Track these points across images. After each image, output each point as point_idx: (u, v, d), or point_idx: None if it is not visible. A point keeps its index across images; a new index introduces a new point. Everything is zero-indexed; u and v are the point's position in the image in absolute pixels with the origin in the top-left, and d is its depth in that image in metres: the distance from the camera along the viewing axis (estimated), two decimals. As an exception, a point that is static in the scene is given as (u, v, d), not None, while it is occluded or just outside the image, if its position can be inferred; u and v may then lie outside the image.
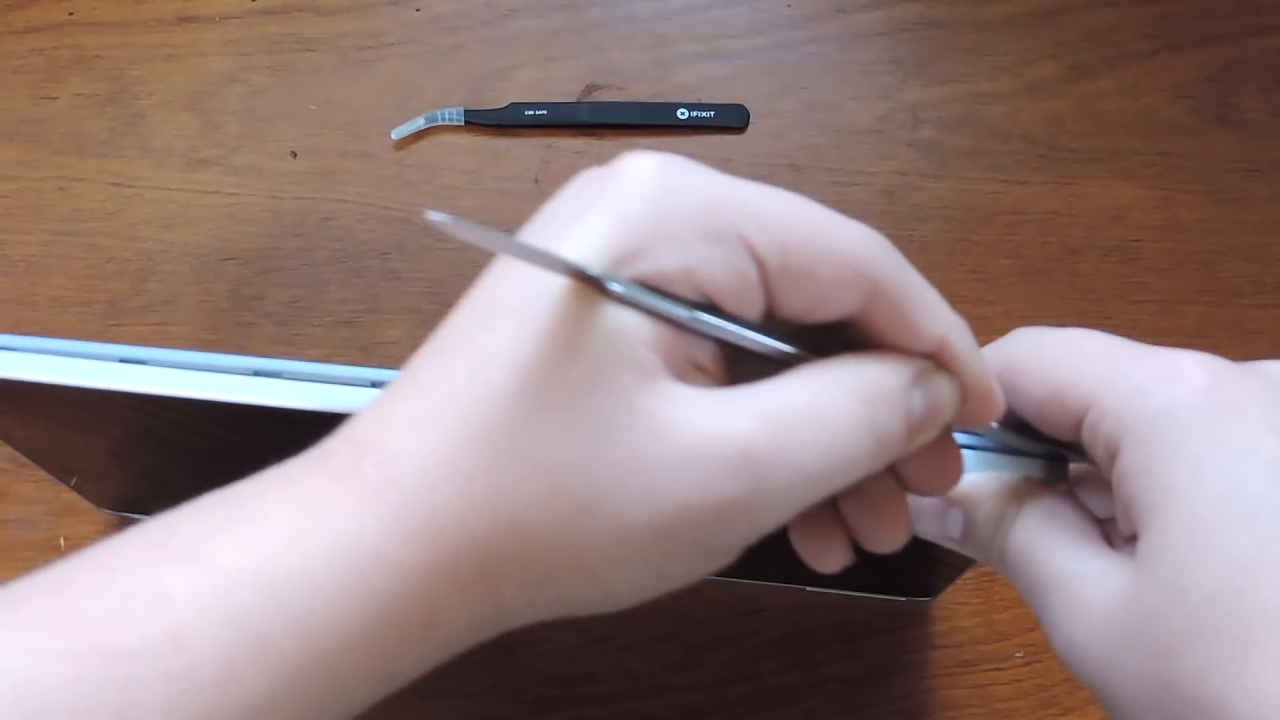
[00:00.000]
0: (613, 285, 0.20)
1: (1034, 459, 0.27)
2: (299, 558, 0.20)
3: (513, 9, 0.63)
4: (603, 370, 0.21)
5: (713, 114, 0.60)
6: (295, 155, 0.59)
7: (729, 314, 0.22)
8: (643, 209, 0.21)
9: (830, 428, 0.22)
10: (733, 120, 0.60)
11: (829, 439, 0.21)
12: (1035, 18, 0.63)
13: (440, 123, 0.59)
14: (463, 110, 0.59)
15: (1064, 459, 0.28)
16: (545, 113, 0.59)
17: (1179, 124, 0.61)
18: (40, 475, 0.49)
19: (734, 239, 0.21)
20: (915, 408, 0.23)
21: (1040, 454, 0.27)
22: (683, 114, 0.60)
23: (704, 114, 0.60)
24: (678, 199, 0.21)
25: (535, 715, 0.48)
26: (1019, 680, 0.49)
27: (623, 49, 0.62)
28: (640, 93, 0.61)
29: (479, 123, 0.59)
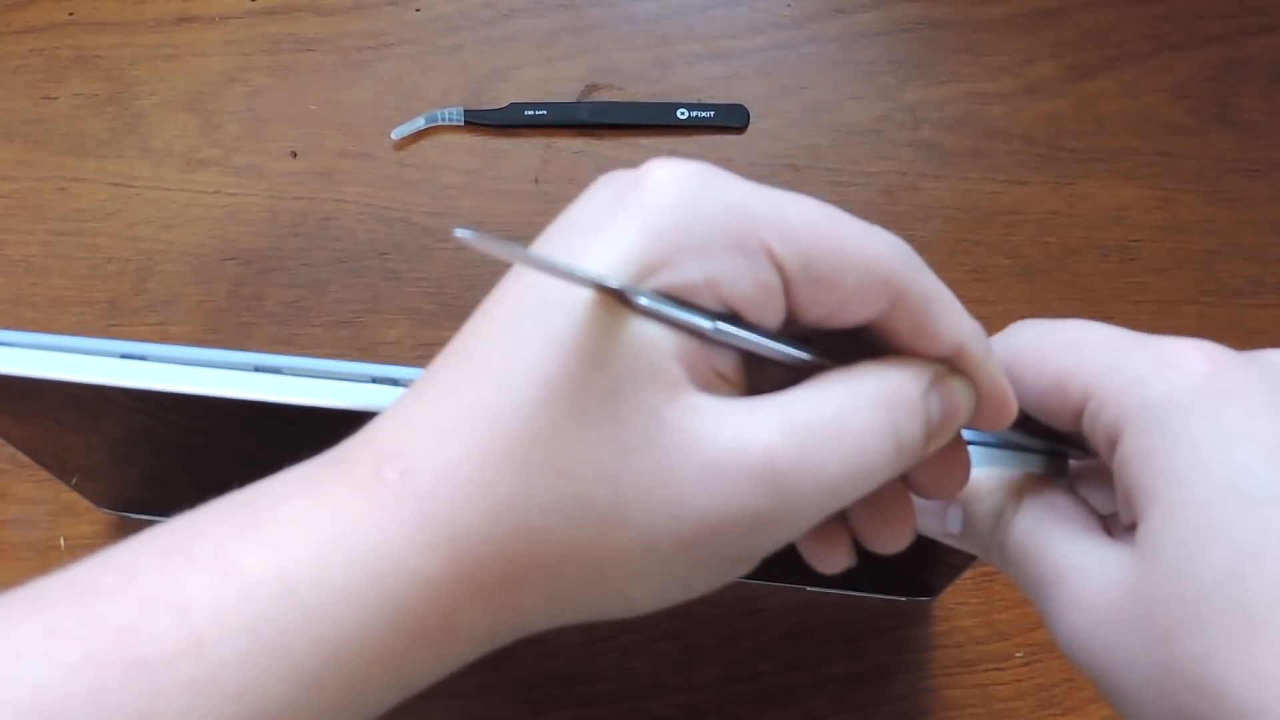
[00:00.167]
0: (638, 299, 0.20)
1: (1033, 455, 0.27)
2: (321, 566, 0.20)
3: (513, 9, 0.63)
4: (627, 383, 0.21)
5: (713, 114, 0.60)
6: (295, 155, 0.59)
7: (751, 324, 0.22)
8: (669, 220, 0.21)
9: (853, 437, 0.22)
10: (733, 120, 0.60)
11: (852, 448, 0.22)
12: (1035, 18, 0.63)
13: (440, 123, 0.59)
14: (463, 110, 0.59)
15: (1063, 455, 0.28)
16: (545, 113, 0.59)
17: (1179, 124, 0.61)
18: (40, 475, 0.49)
19: (758, 249, 0.21)
20: (933, 412, 0.23)
21: (1039, 450, 0.27)
22: (683, 114, 0.60)
23: (704, 114, 0.60)
24: (703, 209, 0.21)
25: (535, 715, 0.48)
26: (1019, 680, 0.49)
27: (623, 49, 0.62)
28: (640, 93, 0.61)
29: (479, 123, 0.59)
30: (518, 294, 0.22)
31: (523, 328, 0.21)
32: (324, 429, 0.29)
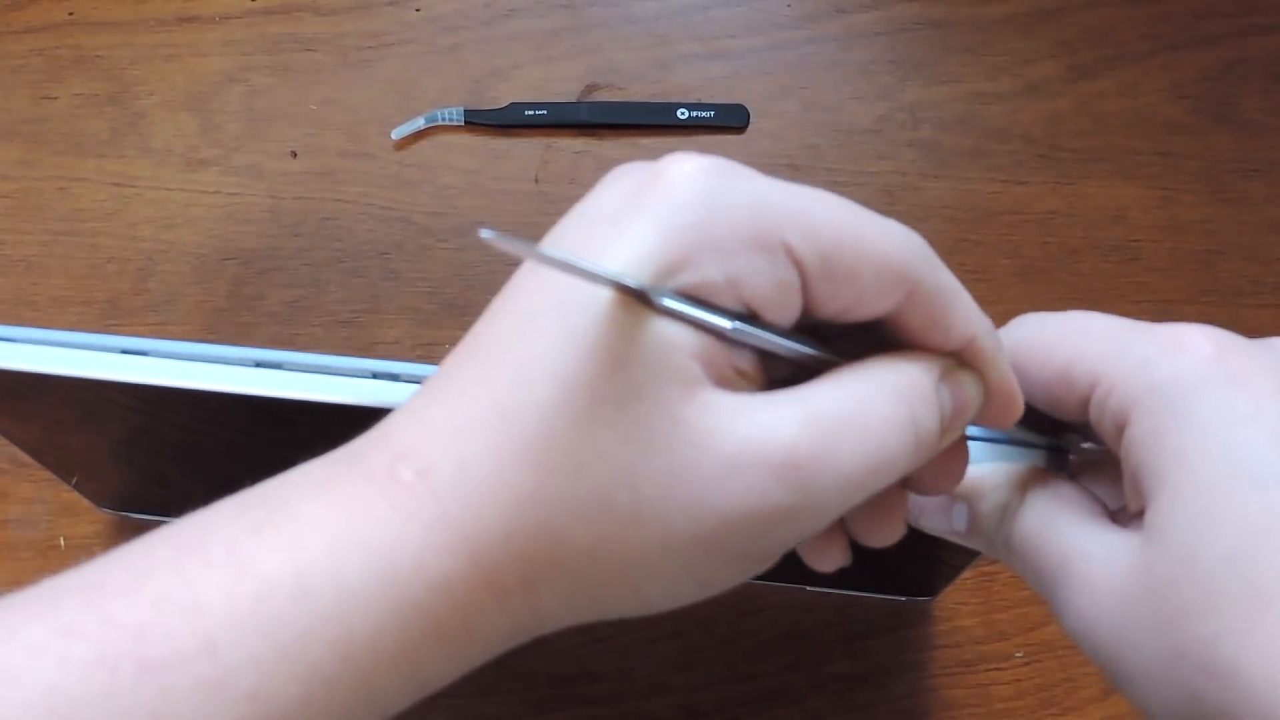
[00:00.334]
0: (660, 299, 0.20)
1: (1035, 450, 0.27)
2: (336, 567, 0.20)
3: (513, 9, 0.63)
4: (646, 382, 0.20)
5: (713, 114, 0.60)
6: (295, 155, 0.59)
7: (768, 321, 0.22)
8: (689, 218, 0.21)
9: (873, 430, 0.22)
10: (733, 120, 0.60)
11: (872, 441, 0.22)
12: (1035, 18, 0.63)
13: (440, 123, 0.59)
14: (463, 110, 0.59)
15: (1064, 449, 0.28)
16: (545, 113, 0.59)
17: (1179, 124, 0.61)
18: (40, 475, 0.49)
19: (778, 247, 0.21)
20: (946, 406, 0.23)
21: (1041, 444, 0.27)
22: (683, 114, 0.60)
23: (704, 114, 0.60)
24: (723, 207, 0.21)
25: (535, 715, 0.48)
26: (1019, 680, 0.49)
27: (623, 49, 0.62)
28: (640, 93, 0.61)
29: (479, 123, 0.59)
30: (534, 291, 0.22)
31: (540, 326, 0.21)
32: (325, 425, 0.29)
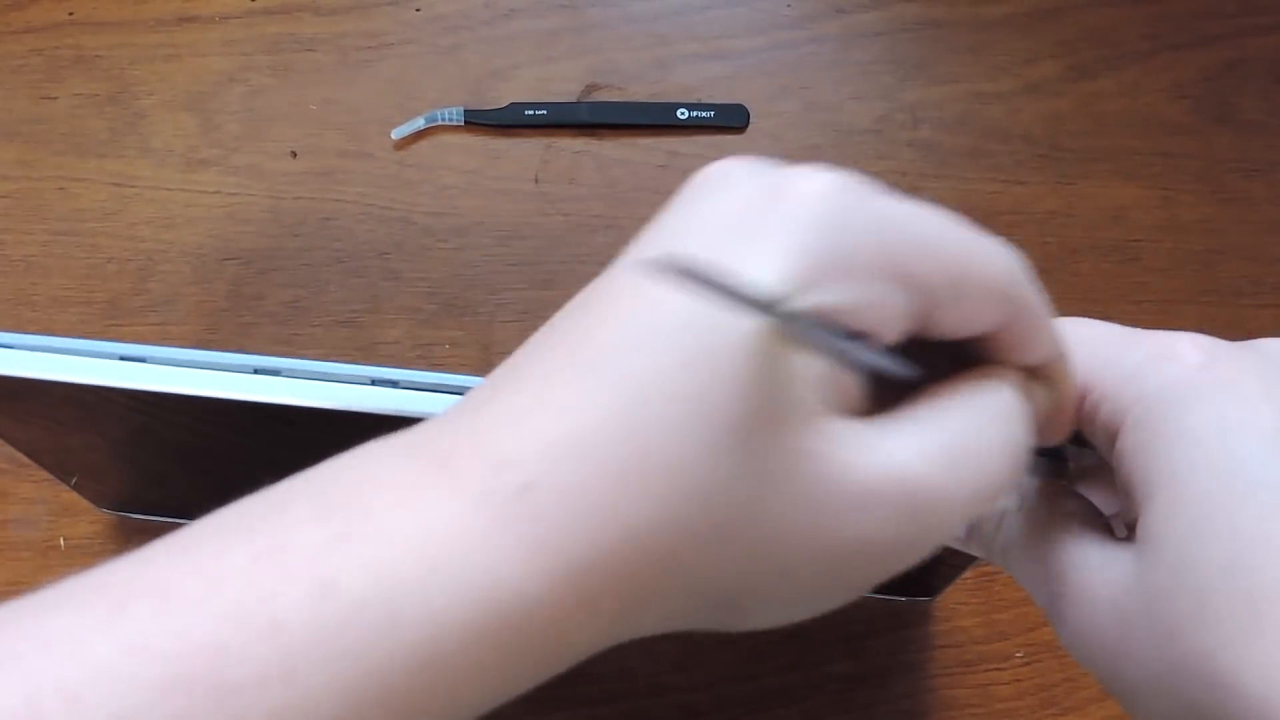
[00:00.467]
0: (796, 325, 0.19)
1: (1034, 457, 0.27)
2: (426, 590, 0.19)
3: (513, 9, 0.63)
4: (774, 411, 0.19)
5: (713, 114, 0.60)
6: (295, 155, 0.59)
7: (880, 345, 0.21)
8: (822, 241, 0.20)
9: (983, 460, 0.21)
10: (733, 120, 0.60)
11: (986, 471, 0.21)
12: (1035, 18, 0.63)
13: (440, 123, 0.59)
14: (463, 110, 0.59)
15: (1063, 456, 0.28)
16: (545, 113, 0.59)
17: (1179, 124, 0.61)
18: (40, 475, 0.49)
19: (903, 275, 0.20)
20: (1035, 426, 0.23)
21: (1040, 451, 0.27)
22: (683, 114, 0.60)
23: (704, 114, 0.60)
24: (854, 231, 0.20)
25: (535, 715, 0.48)
26: (1019, 680, 0.49)
27: (623, 49, 0.62)
28: (640, 93, 0.61)
29: (479, 123, 0.59)
30: (653, 301, 0.20)
31: (665, 343, 0.19)
32: (324, 430, 0.29)
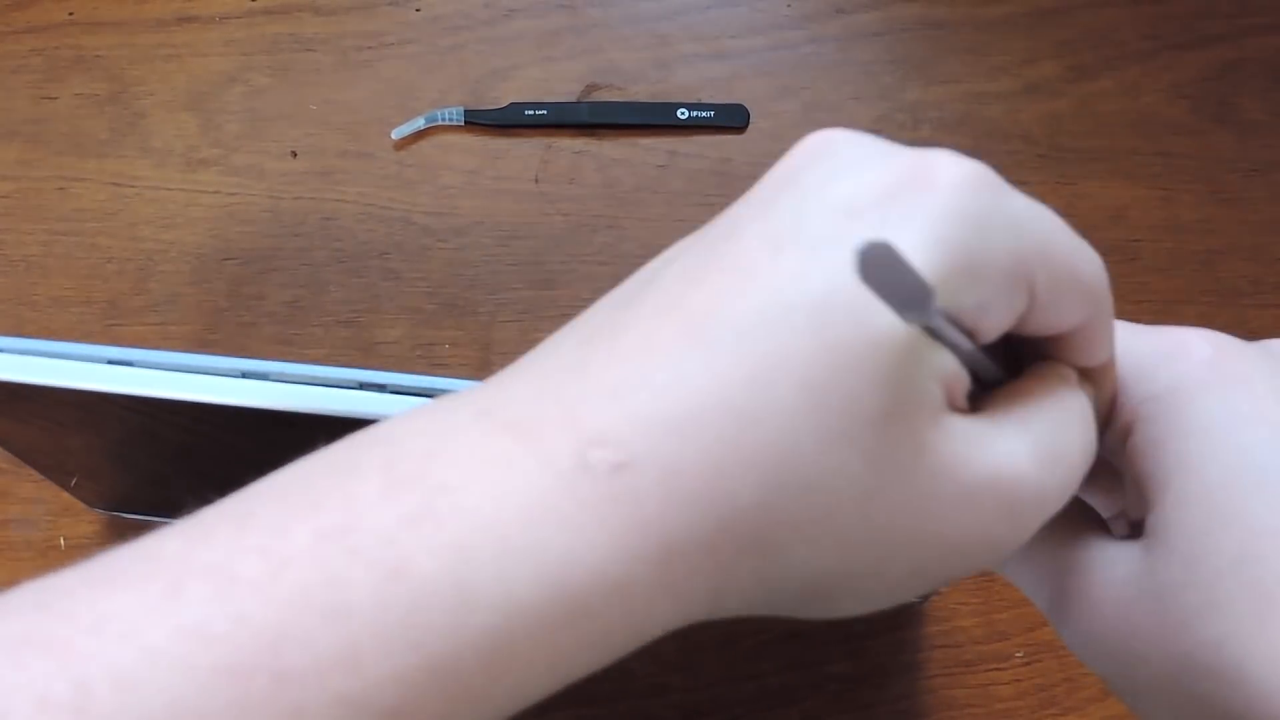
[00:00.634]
0: (931, 318, 0.18)
1: None
2: (503, 576, 0.17)
3: (513, 9, 0.63)
4: (900, 404, 0.19)
5: (713, 114, 0.60)
6: (295, 155, 0.59)
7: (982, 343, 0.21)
8: (960, 235, 0.19)
9: (1072, 461, 0.21)
10: (733, 120, 0.60)
11: (1071, 472, 0.21)
12: (1035, 18, 0.63)
13: (440, 123, 0.59)
14: (463, 110, 0.59)
15: None
16: (545, 113, 0.59)
17: (1179, 124, 0.61)
18: (41, 475, 0.49)
19: (1024, 280, 0.20)
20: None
21: None
22: (683, 114, 0.60)
23: (704, 114, 0.60)
24: (990, 229, 0.19)
25: (535, 715, 0.48)
26: (1019, 680, 0.49)
27: (623, 49, 0.62)
28: (640, 93, 0.61)
29: (479, 123, 0.59)
30: (781, 276, 0.19)
31: (793, 323, 0.18)
32: (319, 432, 0.29)
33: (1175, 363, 0.23)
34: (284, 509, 0.18)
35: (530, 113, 0.59)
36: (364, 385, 0.30)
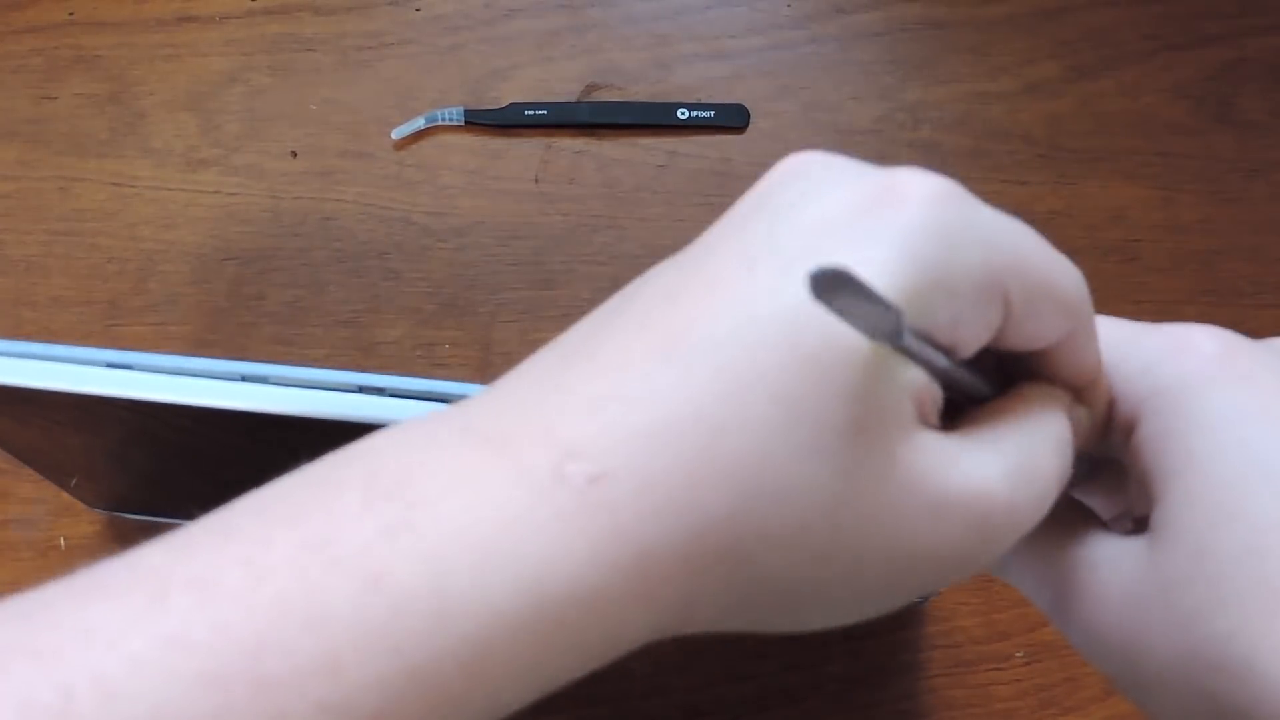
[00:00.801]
0: (902, 335, 0.18)
1: None
2: (481, 584, 0.18)
3: (513, 9, 0.63)
4: (869, 416, 0.19)
5: (713, 114, 0.60)
6: (295, 155, 0.59)
7: (961, 358, 0.21)
8: (930, 251, 0.19)
9: (1044, 481, 0.21)
10: (733, 120, 0.60)
11: (1044, 492, 0.21)
12: (1035, 18, 0.63)
13: (440, 123, 0.59)
14: (463, 110, 0.59)
15: None
16: (545, 113, 0.59)
17: (1179, 124, 0.61)
18: (41, 475, 0.49)
19: (998, 295, 0.20)
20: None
21: None
22: (683, 114, 0.60)
23: (704, 114, 0.60)
24: (960, 244, 0.20)
25: (535, 715, 0.48)
26: (1019, 680, 0.49)
27: (623, 49, 0.62)
28: (640, 93, 0.61)
29: (479, 123, 0.59)
30: (754, 292, 0.19)
31: (766, 338, 0.19)
32: (319, 435, 0.29)
33: (1182, 358, 0.23)
34: (266, 522, 0.18)
35: (530, 113, 0.59)
36: (363, 389, 0.30)
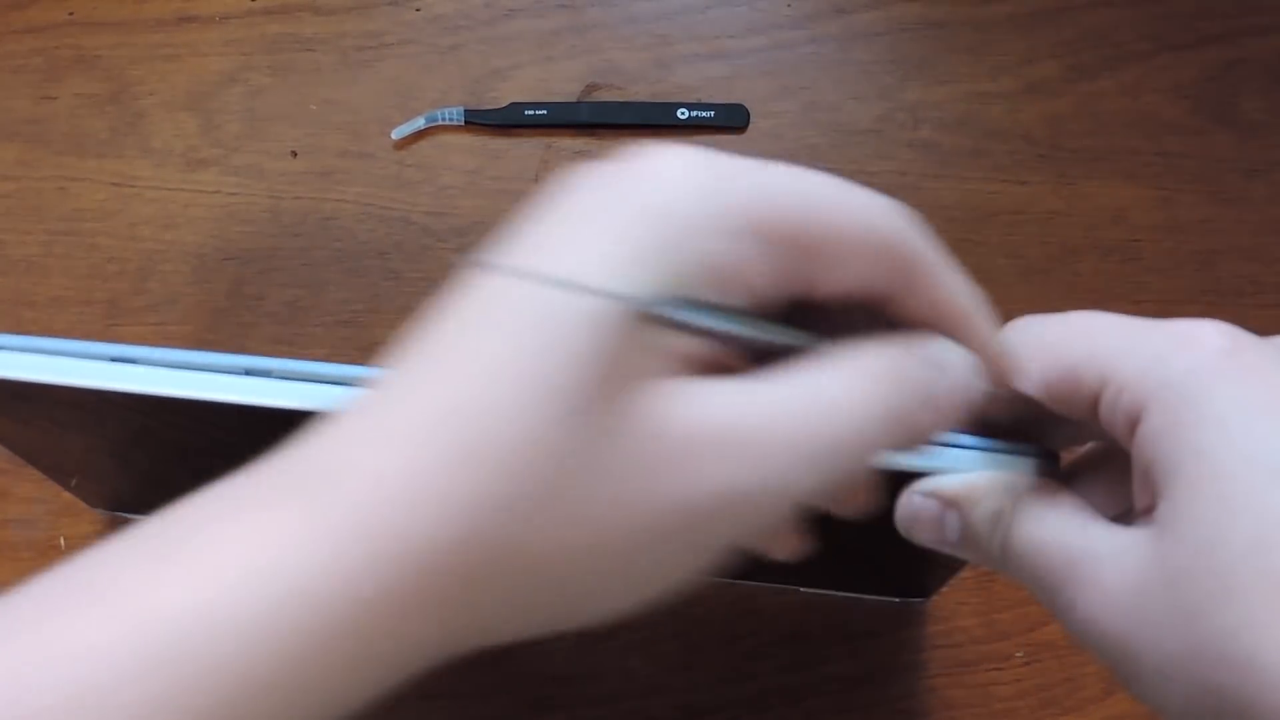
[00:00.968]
0: (638, 301, 0.19)
1: (1025, 458, 0.27)
2: (242, 598, 0.18)
3: (513, 9, 0.63)
4: (617, 384, 0.20)
5: (713, 114, 0.60)
6: (295, 155, 0.59)
7: (748, 309, 0.21)
8: (665, 211, 0.20)
9: (841, 411, 0.21)
10: (733, 120, 0.60)
11: (838, 422, 0.21)
12: (1035, 18, 0.63)
13: (440, 123, 0.59)
14: (463, 110, 0.59)
15: (1055, 456, 0.28)
16: (545, 113, 0.59)
17: (1179, 124, 0.61)
18: (40, 475, 0.49)
19: (760, 233, 0.21)
20: (933, 387, 0.23)
21: (1031, 453, 0.27)
22: (683, 114, 0.60)
23: (704, 114, 0.60)
24: (703, 199, 0.21)
25: (535, 715, 0.48)
26: (1019, 680, 0.49)
27: (623, 49, 0.62)
28: (640, 93, 0.61)
29: (479, 123, 0.59)
30: (496, 292, 0.20)
31: (507, 327, 0.20)
32: None
33: (1188, 352, 0.23)
34: (50, 576, 0.19)
35: (530, 113, 0.59)
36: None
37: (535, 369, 0.19)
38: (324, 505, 0.19)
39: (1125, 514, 0.26)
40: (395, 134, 0.59)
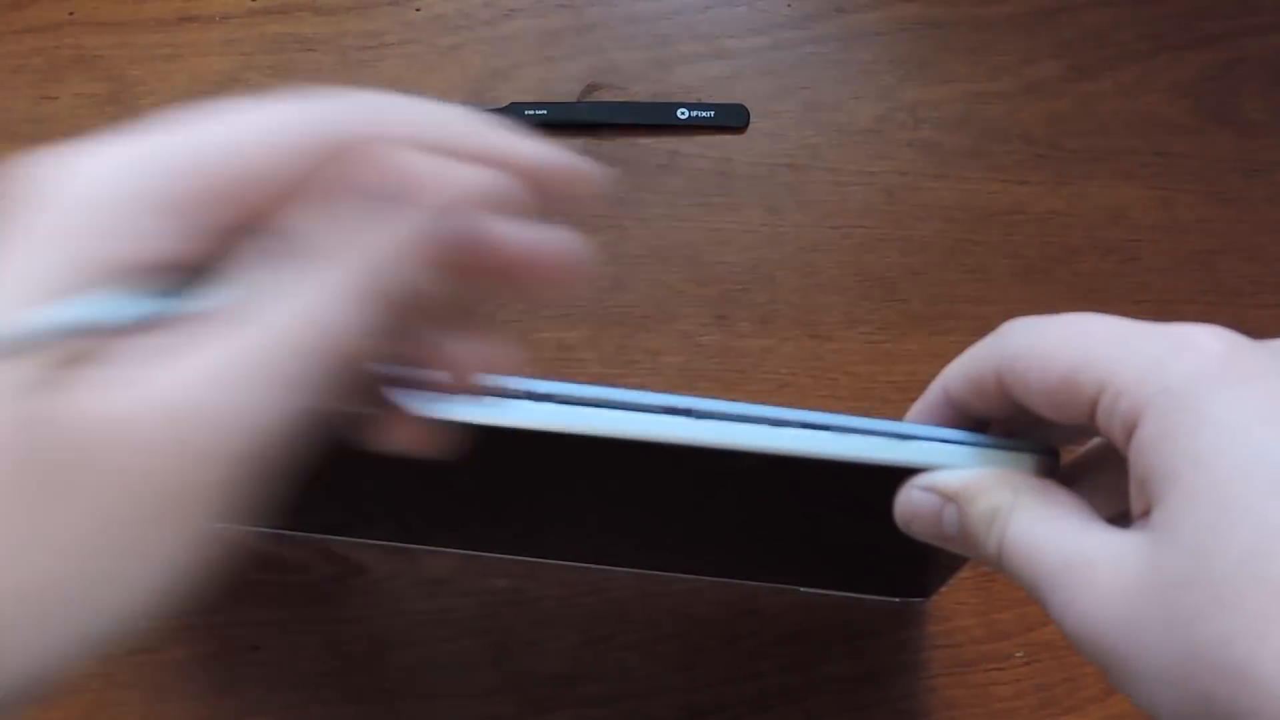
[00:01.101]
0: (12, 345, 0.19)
1: (1025, 454, 0.27)
2: None
3: (513, 9, 0.63)
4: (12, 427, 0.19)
5: (713, 114, 0.60)
6: (295, 155, 0.59)
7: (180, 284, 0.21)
8: (64, 231, 0.20)
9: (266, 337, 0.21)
10: (733, 120, 0.60)
11: (222, 393, 0.20)
12: (1035, 18, 0.63)
13: (440, 123, 0.59)
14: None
15: (1055, 452, 0.28)
16: (545, 113, 0.59)
17: (1179, 124, 0.61)
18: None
19: (175, 211, 0.20)
20: (446, 232, 0.22)
21: (1031, 449, 0.27)
22: (683, 114, 0.60)
23: (704, 114, 0.60)
24: (103, 205, 0.20)
25: (535, 715, 0.48)
26: (1019, 680, 0.49)
27: (623, 49, 0.62)
28: (640, 93, 0.61)
29: (479, 123, 0.59)
30: None
31: None
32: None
33: (1185, 358, 0.23)
34: None
35: (530, 113, 0.59)
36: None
37: None
38: None
39: (1124, 515, 0.26)
40: (395, 134, 0.59)
